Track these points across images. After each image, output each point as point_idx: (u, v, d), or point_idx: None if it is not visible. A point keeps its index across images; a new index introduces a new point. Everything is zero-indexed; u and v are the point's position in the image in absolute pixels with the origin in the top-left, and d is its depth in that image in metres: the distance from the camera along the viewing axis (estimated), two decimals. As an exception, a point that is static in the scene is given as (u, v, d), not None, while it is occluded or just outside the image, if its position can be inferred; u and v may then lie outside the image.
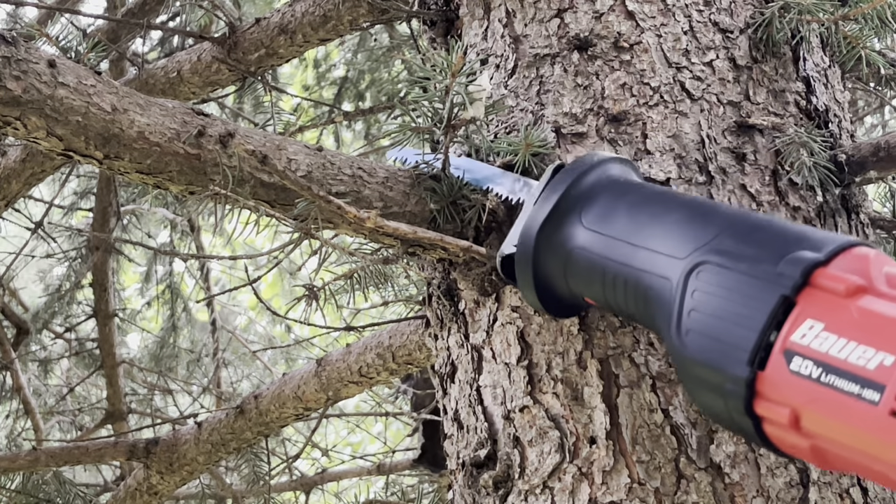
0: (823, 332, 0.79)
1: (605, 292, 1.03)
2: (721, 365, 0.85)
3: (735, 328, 0.85)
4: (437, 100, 1.23)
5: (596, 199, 1.07)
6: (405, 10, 1.77)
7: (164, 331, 4.10)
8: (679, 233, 0.97)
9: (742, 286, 0.87)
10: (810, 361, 0.79)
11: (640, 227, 1.01)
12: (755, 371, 0.83)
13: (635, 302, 0.99)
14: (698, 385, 0.89)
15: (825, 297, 0.82)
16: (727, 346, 0.85)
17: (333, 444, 4.07)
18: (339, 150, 2.38)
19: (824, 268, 0.84)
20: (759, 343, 0.83)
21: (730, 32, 1.36)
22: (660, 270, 0.95)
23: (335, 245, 1.25)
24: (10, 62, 1.13)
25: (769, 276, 0.85)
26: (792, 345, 0.81)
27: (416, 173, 1.29)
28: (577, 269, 1.06)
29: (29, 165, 2.45)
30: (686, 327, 0.89)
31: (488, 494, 1.24)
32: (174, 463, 2.53)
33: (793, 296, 0.83)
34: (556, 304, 1.13)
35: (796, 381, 0.79)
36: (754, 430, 0.85)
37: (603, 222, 1.05)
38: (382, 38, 3.67)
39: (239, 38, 2.16)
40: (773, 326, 0.83)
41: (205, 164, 1.20)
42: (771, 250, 0.88)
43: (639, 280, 0.98)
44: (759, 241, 0.90)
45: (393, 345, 2.14)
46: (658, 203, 1.05)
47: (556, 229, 1.08)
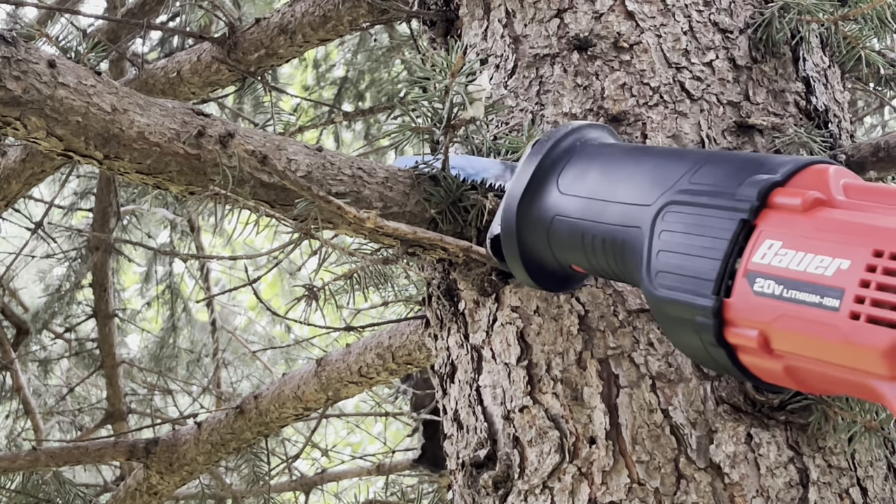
0: (782, 250, 0.80)
1: (587, 256, 1.03)
2: (690, 299, 0.86)
3: (700, 260, 0.86)
4: (436, 100, 1.23)
5: (571, 163, 1.07)
6: (405, 10, 1.77)
7: (164, 331, 4.10)
8: (646, 181, 0.97)
9: (704, 219, 0.87)
10: (772, 280, 0.79)
11: (612, 183, 1.01)
12: (721, 299, 0.83)
13: (614, 259, 0.99)
14: (674, 325, 0.89)
15: (784, 216, 0.82)
16: (694, 279, 0.86)
17: (333, 445, 4.07)
18: (338, 151, 2.38)
19: (782, 188, 0.85)
20: (723, 271, 0.83)
21: (729, 32, 1.36)
22: (631, 221, 0.96)
23: (335, 245, 1.25)
24: (10, 62, 1.13)
25: (729, 205, 0.86)
26: (753, 266, 0.81)
27: (415, 174, 1.29)
28: (559, 237, 1.06)
29: (29, 165, 2.45)
30: (655, 269, 0.90)
31: (488, 494, 1.24)
32: (174, 463, 2.53)
33: (752, 219, 0.84)
34: (547, 279, 1.12)
35: (761, 301, 0.79)
36: (730, 361, 0.85)
37: (577, 184, 1.05)
38: (382, 38, 3.67)
39: (239, 38, 2.16)
40: (736, 253, 0.83)
41: (205, 164, 1.20)
42: (730, 180, 0.88)
43: (614, 235, 0.98)
44: (720, 173, 0.91)
45: (393, 345, 2.14)
46: (628, 157, 1.06)
47: (534, 200, 1.07)
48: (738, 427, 1.16)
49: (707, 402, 1.17)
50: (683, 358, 1.19)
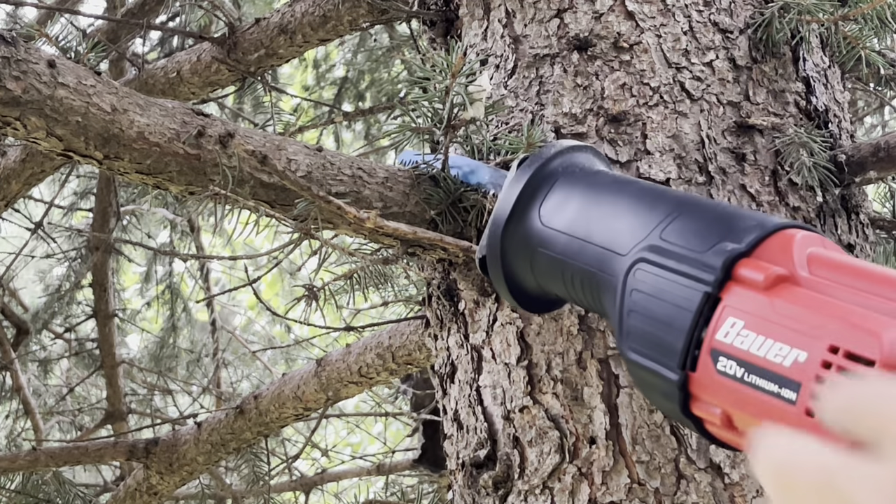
0: (744, 330, 0.78)
1: (567, 290, 1.03)
2: (657, 368, 0.85)
3: (666, 330, 0.85)
4: (436, 100, 1.23)
5: (553, 190, 1.07)
6: (405, 10, 1.77)
7: (164, 331, 4.10)
8: (622, 227, 0.97)
9: (670, 285, 0.87)
10: (734, 361, 0.78)
11: (589, 222, 1.01)
12: (686, 374, 0.82)
13: (593, 299, 0.99)
14: (645, 387, 0.89)
15: (746, 293, 0.81)
16: (661, 348, 0.85)
17: (333, 445, 4.07)
18: (338, 151, 2.38)
19: (747, 258, 0.83)
20: (688, 344, 0.82)
21: (729, 33, 1.36)
22: (607, 268, 0.96)
23: (335, 245, 1.25)
24: (9, 62, 1.13)
25: (694, 273, 0.85)
26: (717, 344, 0.80)
27: (415, 174, 1.29)
28: (541, 267, 1.06)
29: (29, 165, 2.45)
30: (626, 330, 0.90)
31: (488, 495, 1.24)
32: (174, 463, 2.53)
33: (716, 292, 0.82)
34: (532, 302, 1.13)
35: (723, 381, 0.78)
36: (698, 429, 0.85)
37: (557, 217, 1.05)
38: (382, 38, 3.67)
39: (239, 38, 2.16)
40: (702, 324, 0.82)
41: (204, 164, 1.20)
42: (699, 241, 0.87)
43: (591, 278, 0.98)
44: (689, 232, 0.90)
45: (393, 345, 2.14)
46: (607, 194, 1.05)
47: (518, 228, 1.08)
48: (738, 427, 1.16)
49: (707, 403, 1.17)
50: (683, 358, 1.19)
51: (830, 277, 0.78)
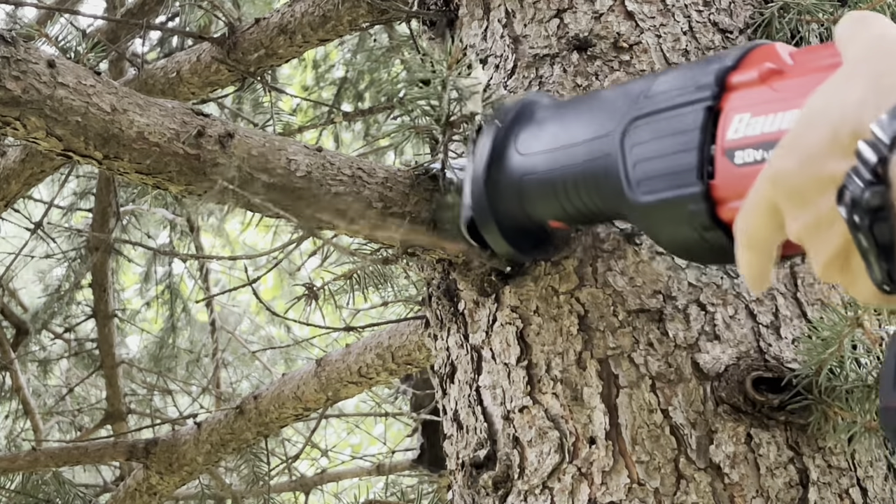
0: (753, 119, 0.83)
1: (563, 205, 1.06)
2: (676, 195, 0.89)
3: (677, 157, 0.89)
4: (434, 97, 1.23)
5: (523, 128, 1.12)
6: (405, 10, 1.77)
7: (164, 331, 4.10)
8: (602, 115, 1.01)
9: (669, 121, 0.91)
10: (751, 149, 0.82)
11: (570, 129, 1.05)
12: (707, 182, 0.86)
13: (590, 196, 1.02)
14: (665, 226, 0.92)
15: (744, 92, 0.86)
16: (675, 175, 0.89)
17: (333, 445, 4.07)
18: (338, 151, 2.38)
19: (735, 71, 0.89)
20: (702, 158, 0.87)
21: (729, 33, 1.36)
22: (599, 153, 0.99)
23: (336, 244, 1.25)
24: (9, 62, 1.13)
25: (690, 99, 0.90)
26: (730, 143, 0.84)
27: (415, 174, 1.28)
28: (532, 195, 1.09)
29: (28, 166, 2.45)
30: (635, 180, 0.93)
31: (488, 495, 1.24)
32: (173, 463, 2.53)
33: (715, 104, 0.88)
34: (527, 245, 1.16)
35: (746, 170, 0.82)
36: (728, 239, 0.87)
37: (536, 142, 1.09)
38: (382, 38, 3.67)
39: (238, 38, 2.16)
40: (710, 140, 0.87)
41: (204, 164, 1.20)
42: (685, 82, 0.92)
43: (586, 173, 1.01)
44: (672, 81, 0.95)
45: (392, 345, 2.14)
46: (578, 104, 1.10)
47: (499, 171, 1.11)
48: (737, 427, 1.16)
49: (707, 403, 1.17)
50: (683, 358, 1.19)
51: (814, 57, 0.83)
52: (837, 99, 0.66)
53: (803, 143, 0.67)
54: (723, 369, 1.18)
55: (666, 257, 1.23)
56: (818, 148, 0.66)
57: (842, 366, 1.16)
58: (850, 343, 1.16)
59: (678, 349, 1.19)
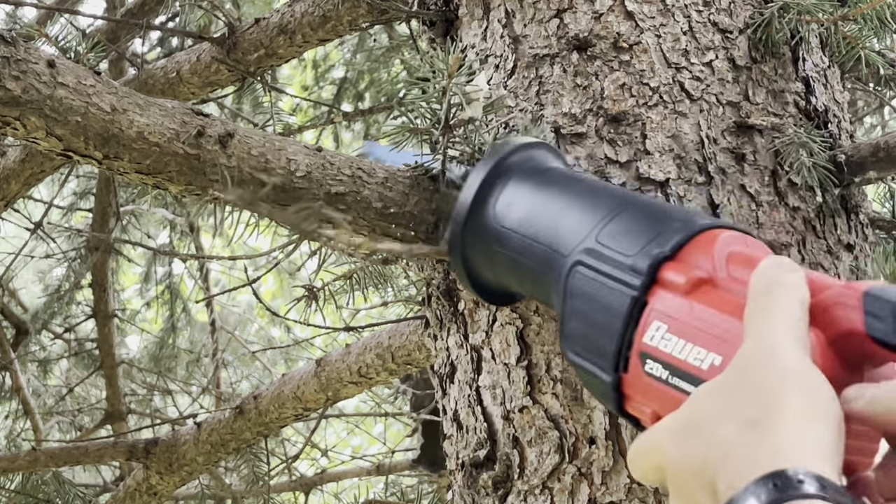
0: (667, 334, 0.81)
1: (522, 287, 1.07)
2: (594, 370, 0.88)
3: (600, 334, 0.88)
4: (434, 101, 1.23)
5: (506, 188, 1.11)
6: (404, 10, 1.77)
7: (164, 331, 4.10)
8: (565, 227, 1.00)
9: (603, 290, 0.90)
10: (659, 364, 0.81)
11: (535, 222, 1.05)
12: (619, 376, 0.85)
13: (545, 297, 1.02)
14: (587, 385, 0.92)
15: (669, 296, 0.84)
16: (596, 351, 0.88)
17: (333, 445, 4.07)
18: (338, 151, 2.38)
19: (671, 261, 0.86)
20: (620, 347, 0.86)
21: (729, 33, 1.36)
22: (553, 269, 0.99)
23: (335, 245, 1.25)
24: (9, 62, 1.13)
25: (623, 278, 0.88)
26: (644, 347, 0.83)
27: (415, 174, 1.28)
28: (498, 265, 1.10)
29: (28, 166, 2.45)
30: (567, 333, 0.93)
31: (487, 495, 1.24)
32: (173, 463, 2.53)
33: (642, 296, 0.86)
34: (492, 295, 1.17)
35: (650, 382, 0.81)
36: (638, 425, 0.87)
37: (509, 216, 1.09)
38: (382, 38, 3.67)
39: (238, 38, 2.16)
40: (632, 327, 0.85)
41: (204, 164, 1.20)
42: (630, 245, 0.90)
43: (540, 277, 1.01)
44: (623, 235, 0.93)
45: (392, 345, 2.14)
46: (553, 193, 1.09)
47: (477, 224, 1.11)
48: (737, 427, 1.16)
49: (707, 403, 1.17)
50: (683, 358, 1.19)
51: (740, 276, 0.80)
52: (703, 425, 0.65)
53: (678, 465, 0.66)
54: (723, 369, 1.18)
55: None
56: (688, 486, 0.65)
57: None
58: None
59: (678, 349, 1.19)
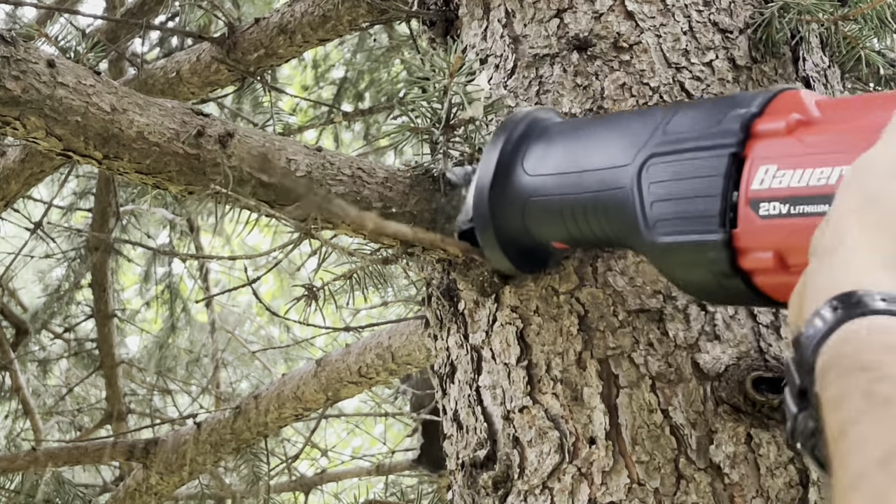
0: (779, 171, 0.83)
1: (569, 229, 1.06)
2: (698, 238, 0.88)
3: (698, 201, 0.88)
4: (435, 100, 1.23)
5: (531, 146, 1.11)
6: (404, 10, 1.77)
7: (164, 331, 4.10)
8: (617, 144, 1.00)
9: (692, 163, 0.90)
10: (776, 201, 0.82)
11: (580, 154, 1.05)
12: (730, 231, 0.86)
13: (600, 224, 1.02)
14: (683, 269, 0.92)
15: (770, 142, 0.86)
16: (696, 219, 0.88)
17: (333, 445, 4.07)
18: (338, 151, 2.38)
19: (760, 118, 0.88)
20: (724, 205, 0.86)
21: (729, 33, 1.36)
22: (612, 184, 0.98)
23: (335, 245, 1.25)
24: (9, 62, 1.13)
25: (714, 143, 0.89)
26: (754, 193, 0.84)
27: (415, 174, 1.28)
28: (536, 216, 1.09)
29: (28, 165, 2.45)
30: (653, 219, 0.93)
31: (488, 495, 1.24)
32: (173, 463, 2.53)
33: (740, 151, 0.87)
34: (525, 260, 1.16)
35: (769, 223, 0.82)
36: (747, 287, 0.87)
37: (544, 164, 1.08)
38: (382, 38, 3.67)
39: (238, 38, 2.16)
40: (732, 187, 0.86)
41: (204, 164, 1.20)
42: (706, 122, 0.91)
43: (596, 202, 1.01)
44: (693, 120, 0.94)
45: (392, 345, 2.14)
46: (591, 127, 1.09)
47: (504, 187, 1.11)
48: (737, 427, 1.16)
49: (707, 403, 1.17)
50: (683, 358, 1.19)
51: (841, 111, 0.83)
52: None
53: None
54: (723, 369, 1.18)
55: (666, 257, 1.23)
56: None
57: (842, 366, 1.15)
58: (851, 343, 1.15)
59: (678, 349, 1.19)
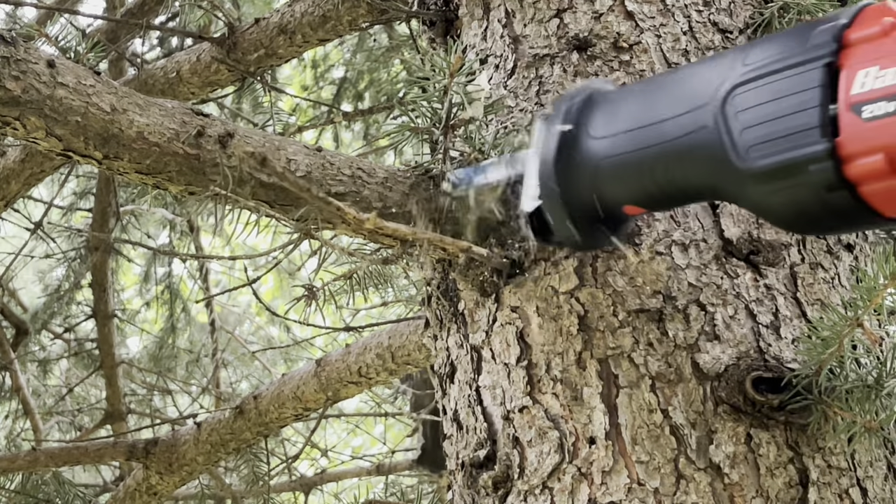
0: (880, 72, 0.80)
1: (647, 186, 1.02)
2: (797, 155, 0.85)
3: (794, 117, 0.85)
4: (435, 100, 1.23)
5: (594, 112, 1.07)
6: (404, 10, 1.77)
7: (164, 331, 4.10)
8: (692, 89, 0.97)
9: (781, 83, 0.87)
10: (881, 101, 0.80)
11: (652, 106, 1.01)
12: (833, 140, 0.83)
13: (684, 172, 0.98)
14: (783, 193, 0.88)
15: (866, 47, 0.83)
16: (794, 135, 0.85)
17: (333, 445, 4.07)
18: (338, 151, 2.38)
19: (851, 28, 0.85)
20: (824, 116, 0.84)
21: (729, 33, 1.36)
22: (693, 126, 0.95)
23: (335, 245, 1.25)
24: (9, 62, 1.13)
25: (804, 59, 0.86)
26: (855, 98, 0.81)
27: (415, 174, 1.28)
28: (612, 178, 1.04)
29: (28, 165, 2.45)
30: (745, 145, 0.89)
31: (488, 495, 1.24)
32: (173, 463, 2.53)
33: (835, 61, 0.84)
34: (593, 233, 1.11)
35: (876, 124, 0.80)
36: (853, 199, 0.84)
37: (613, 123, 1.04)
38: (381, 38, 3.67)
39: (238, 38, 2.16)
40: (829, 98, 0.84)
41: (204, 164, 1.20)
42: (792, 44, 0.88)
43: (678, 149, 0.97)
44: (775, 46, 0.90)
45: (392, 345, 2.14)
46: (656, 82, 1.06)
47: (570, 157, 1.07)
48: (737, 427, 1.16)
49: (707, 403, 1.17)
50: (683, 358, 1.19)
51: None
52: None
53: None
54: (723, 369, 1.18)
55: (666, 257, 1.23)
56: None
57: (842, 366, 1.15)
58: (850, 343, 1.15)
59: (678, 349, 1.19)
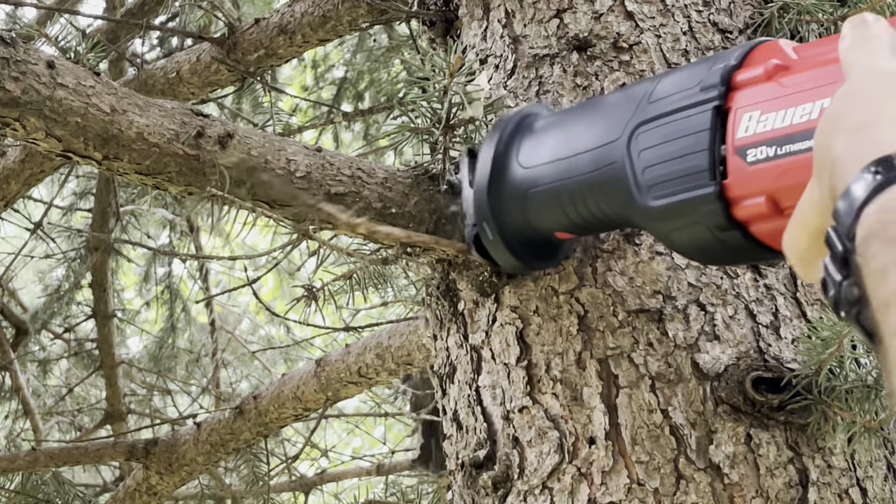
0: (762, 116, 0.83)
1: (570, 216, 1.07)
2: (689, 196, 0.89)
3: (687, 159, 0.89)
4: (435, 100, 1.23)
5: (523, 141, 1.12)
6: (404, 10, 1.77)
7: (164, 331, 4.10)
8: (605, 122, 1.01)
9: (676, 124, 0.91)
10: (763, 146, 0.82)
11: (572, 138, 1.05)
12: (720, 182, 0.86)
13: (598, 205, 1.03)
14: (679, 228, 0.92)
15: (751, 90, 0.86)
16: (687, 177, 0.89)
17: (333, 445, 4.07)
18: (338, 151, 2.38)
19: (739, 69, 0.89)
20: (713, 158, 0.87)
21: (729, 33, 1.36)
22: (605, 161, 0.99)
23: (334, 246, 1.25)
24: (8, 63, 1.13)
25: (696, 101, 0.90)
26: (740, 142, 0.85)
27: (415, 174, 1.28)
28: (538, 208, 1.09)
29: (28, 166, 2.45)
30: (645, 185, 0.93)
31: (487, 495, 1.24)
32: (173, 463, 2.53)
33: (723, 104, 0.88)
34: (532, 257, 1.16)
35: (759, 168, 0.83)
36: (745, 238, 0.87)
37: (537, 154, 1.09)
38: (381, 38, 3.67)
39: (238, 38, 2.16)
40: (719, 140, 0.87)
41: (204, 164, 1.20)
42: (688, 83, 0.92)
43: (592, 182, 1.02)
44: (676, 83, 0.94)
45: (392, 345, 2.14)
46: (578, 111, 1.11)
47: (501, 184, 1.12)
48: (737, 427, 1.16)
49: (706, 403, 1.17)
50: (683, 358, 1.19)
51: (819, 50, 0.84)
52: (822, 146, 0.63)
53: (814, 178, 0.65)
54: (722, 369, 1.18)
55: (666, 257, 1.23)
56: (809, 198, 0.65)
57: (841, 366, 1.16)
58: (850, 343, 1.16)
59: (678, 349, 1.19)
